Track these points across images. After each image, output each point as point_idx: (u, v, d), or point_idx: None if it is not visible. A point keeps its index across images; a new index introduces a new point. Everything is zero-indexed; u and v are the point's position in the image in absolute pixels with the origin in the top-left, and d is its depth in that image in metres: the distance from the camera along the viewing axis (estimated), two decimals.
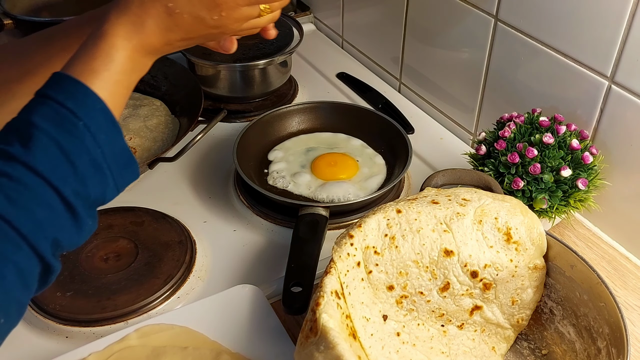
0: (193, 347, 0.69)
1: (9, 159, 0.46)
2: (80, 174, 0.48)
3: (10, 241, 0.44)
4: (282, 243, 0.86)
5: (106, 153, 0.49)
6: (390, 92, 1.21)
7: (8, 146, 0.46)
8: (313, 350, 0.56)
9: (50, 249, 0.47)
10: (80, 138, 0.48)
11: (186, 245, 0.83)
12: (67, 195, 0.47)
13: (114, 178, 0.51)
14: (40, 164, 0.46)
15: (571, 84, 0.85)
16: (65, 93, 0.48)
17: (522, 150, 0.78)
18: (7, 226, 0.44)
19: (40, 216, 0.46)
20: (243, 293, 0.75)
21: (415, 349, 0.67)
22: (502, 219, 0.67)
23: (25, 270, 0.45)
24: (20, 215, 0.45)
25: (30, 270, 0.46)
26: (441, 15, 1.05)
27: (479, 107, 1.03)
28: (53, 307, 0.74)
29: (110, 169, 0.50)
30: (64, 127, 0.47)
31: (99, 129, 0.49)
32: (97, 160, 0.49)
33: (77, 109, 0.48)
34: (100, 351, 0.68)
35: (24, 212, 0.45)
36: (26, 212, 0.45)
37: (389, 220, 0.66)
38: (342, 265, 0.63)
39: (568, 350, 0.68)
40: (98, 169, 0.49)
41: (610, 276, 0.82)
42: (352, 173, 0.96)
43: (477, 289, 0.68)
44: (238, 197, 0.94)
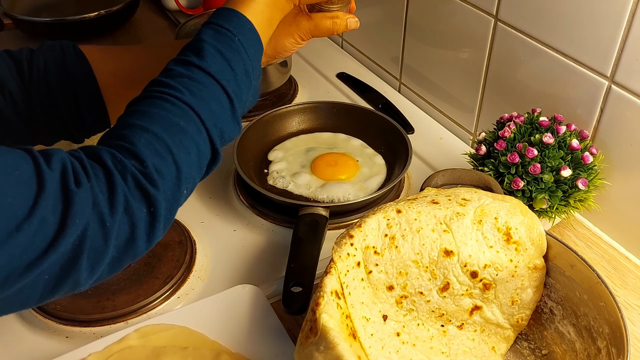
0: (193, 347, 0.69)
1: (188, 65, 0.57)
2: (239, 79, 0.59)
3: (194, 124, 0.55)
4: (282, 243, 0.86)
5: (254, 65, 0.61)
6: (390, 92, 1.21)
7: (186, 57, 0.58)
8: (313, 350, 0.56)
9: (218, 137, 0.57)
10: (237, 50, 0.60)
11: (186, 245, 0.83)
12: (231, 94, 0.58)
13: (253, 87, 0.62)
14: (211, 67, 0.57)
15: (571, 84, 0.85)
16: (224, 18, 0.61)
17: (522, 150, 0.78)
18: (192, 112, 0.55)
19: (213, 108, 0.57)
20: (243, 293, 0.75)
21: (415, 349, 0.67)
22: (502, 219, 0.67)
23: (202, 152, 0.56)
24: (200, 105, 0.55)
25: (206, 153, 0.56)
26: (441, 16, 1.05)
27: (478, 107, 1.03)
28: (53, 307, 0.74)
29: (254, 78, 0.62)
30: (225, 41, 0.59)
31: (249, 44, 0.61)
32: (247, 70, 0.61)
33: (233, 28, 0.60)
34: (100, 351, 0.68)
35: (203, 103, 0.56)
36: (204, 103, 0.56)
37: (389, 220, 0.66)
38: (342, 265, 0.63)
39: (568, 350, 0.68)
40: (248, 77, 0.61)
41: (610, 276, 0.82)
42: (352, 173, 0.96)
43: (477, 289, 0.68)
44: (238, 197, 0.94)
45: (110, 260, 0.49)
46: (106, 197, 0.48)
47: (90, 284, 0.50)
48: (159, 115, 0.53)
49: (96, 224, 0.47)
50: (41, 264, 0.44)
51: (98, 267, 0.48)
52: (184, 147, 0.53)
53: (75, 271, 0.47)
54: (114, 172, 0.49)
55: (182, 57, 0.58)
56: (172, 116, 0.53)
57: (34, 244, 0.44)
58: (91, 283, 0.50)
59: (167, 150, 0.52)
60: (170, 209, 0.53)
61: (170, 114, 0.53)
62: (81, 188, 0.47)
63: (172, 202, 0.52)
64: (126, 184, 0.49)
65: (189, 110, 0.54)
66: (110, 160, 0.50)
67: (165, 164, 0.51)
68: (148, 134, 0.52)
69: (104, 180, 0.48)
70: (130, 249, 0.50)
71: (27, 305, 0.48)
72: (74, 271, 0.47)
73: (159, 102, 0.54)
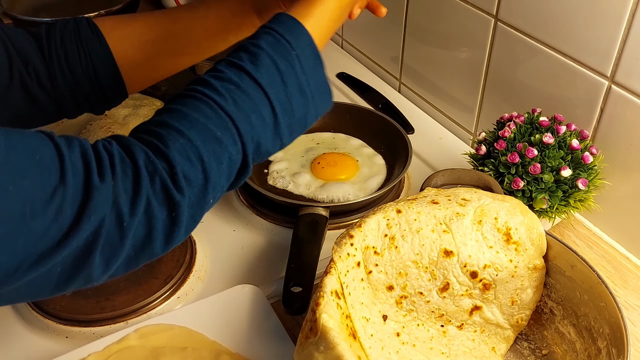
0: (192, 347, 0.69)
1: (240, 71, 0.56)
2: (289, 93, 0.58)
3: (231, 135, 0.54)
4: (282, 243, 0.86)
5: (310, 81, 0.59)
6: (390, 92, 1.21)
7: (240, 61, 0.57)
8: (313, 350, 0.56)
9: (253, 151, 0.56)
10: (292, 64, 0.58)
11: (186, 246, 0.83)
12: (276, 108, 0.57)
13: (316, 104, 0.60)
14: (263, 78, 0.56)
15: (571, 84, 0.85)
16: (285, 27, 0.59)
17: (522, 150, 0.78)
18: (230, 123, 0.54)
19: (254, 121, 0.55)
20: (243, 293, 0.75)
21: (415, 350, 0.67)
22: (501, 219, 0.67)
23: (234, 162, 0.55)
24: (241, 118, 0.55)
25: (236, 164, 0.55)
26: (441, 16, 1.05)
27: (478, 107, 1.03)
28: (53, 307, 0.74)
29: (312, 94, 0.60)
30: (282, 53, 0.58)
31: (306, 59, 0.59)
32: (302, 85, 0.59)
33: (293, 41, 0.59)
34: (99, 351, 0.68)
35: (244, 116, 0.55)
36: (246, 116, 0.55)
37: (388, 221, 0.66)
38: (342, 265, 0.62)
39: (568, 350, 0.67)
40: (302, 93, 0.59)
41: (610, 276, 0.82)
42: (352, 173, 0.96)
43: (477, 289, 0.68)
44: (238, 197, 0.94)
45: (125, 258, 0.49)
46: (129, 196, 0.48)
47: (105, 279, 0.50)
48: (198, 122, 0.53)
49: (113, 222, 0.47)
50: (54, 256, 0.44)
51: (113, 264, 0.48)
52: (216, 157, 0.53)
53: (88, 266, 0.47)
54: (143, 172, 0.49)
55: (235, 61, 0.57)
56: (211, 124, 0.53)
57: (49, 234, 0.44)
58: (106, 278, 0.50)
59: (198, 159, 0.51)
60: (194, 215, 0.52)
61: (209, 121, 0.53)
62: (104, 184, 0.46)
63: (197, 209, 0.52)
64: (152, 186, 0.49)
65: (229, 121, 0.54)
66: (143, 159, 0.49)
67: (194, 172, 0.51)
68: (184, 139, 0.51)
69: (131, 179, 0.48)
70: (147, 250, 0.50)
71: (40, 295, 0.48)
72: (86, 266, 0.46)
73: (201, 106, 0.54)
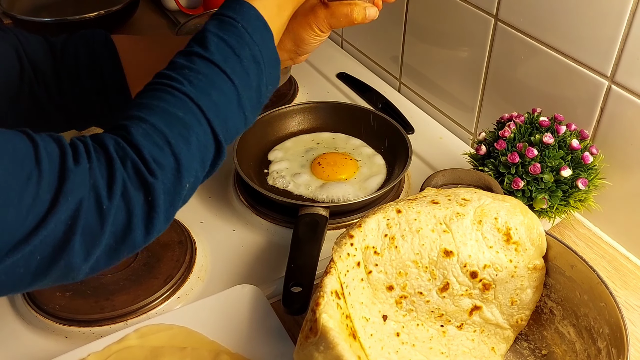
0: (192, 347, 0.69)
1: (191, 55, 0.57)
2: (245, 66, 0.58)
3: (193, 114, 0.54)
4: (282, 243, 0.86)
5: (262, 50, 0.60)
6: (390, 92, 1.21)
7: (189, 47, 0.58)
8: (313, 350, 0.56)
9: (222, 129, 0.56)
10: (241, 36, 0.59)
11: (186, 246, 0.83)
12: (236, 82, 0.57)
13: (266, 75, 0.60)
14: (214, 56, 0.57)
15: (571, 84, 0.85)
16: (227, 7, 0.61)
17: (522, 150, 0.78)
18: (191, 103, 0.54)
19: (215, 98, 0.55)
20: (243, 293, 0.75)
21: (415, 350, 0.67)
22: (501, 219, 0.67)
23: (203, 143, 0.54)
24: (200, 96, 0.55)
25: (208, 146, 0.55)
26: (441, 15, 1.05)
27: (478, 107, 1.03)
28: (52, 307, 0.74)
29: (265, 64, 0.60)
30: (228, 29, 0.59)
31: (254, 30, 0.60)
32: (255, 56, 0.59)
33: (236, 16, 0.59)
34: (99, 351, 0.68)
35: (203, 93, 0.55)
36: (204, 93, 0.55)
37: (388, 221, 0.66)
38: (342, 265, 0.62)
39: (568, 351, 0.67)
40: (256, 63, 0.59)
41: (610, 276, 0.82)
42: (352, 173, 0.96)
43: (477, 289, 0.68)
44: (238, 197, 0.94)
45: (106, 247, 0.49)
46: (105, 181, 0.48)
47: (87, 272, 0.49)
48: (158, 107, 0.53)
49: (92, 205, 0.47)
50: (32, 239, 0.45)
51: (93, 251, 0.48)
52: (184, 138, 0.53)
53: (68, 252, 0.47)
54: (114, 157, 0.49)
55: (186, 49, 0.58)
56: (171, 107, 0.53)
57: (27, 220, 0.44)
58: (87, 270, 0.49)
59: (165, 142, 0.52)
60: (172, 201, 0.52)
61: (169, 105, 0.53)
62: (79, 167, 0.47)
63: (173, 194, 0.52)
64: (126, 170, 0.50)
65: (188, 100, 0.54)
66: (113, 146, 0.50)
67: (163, 155, 0.51)
68: (146, 124, 0.52)
69: (105, 164, 0.49)
70: (127, 239, 0.50)
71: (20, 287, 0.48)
72: (66, 252, 0.46)
73: (159, 94, 0.54)
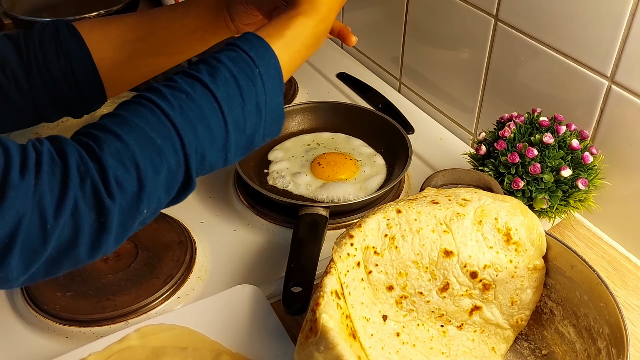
0: (193, 347, 0.69)
1: (194, 80, 0.55)
2: (246, 111, 0.56)
3: (172, 145, 0.52)
4: (282, 243, 0.86)
5: (268, 101, 0.58)
6: (390, 92, 1.21)
7: (197, 72, 0.55)
8: (313, 350, 0.56)
9: (197, 164, 0.54)
10: (253, 81, 0.57)
11: (186, 246, 0.83)
12: (229, 123, 0.55)
13: (265, 126, 0.58)
14: (219, 91, 0.55)
15: (571, 84, 0.85)
16: (250, 44, 0.58)
17: (522, 150, 0.78)
18: (173, 131, 0.52)
19: (200, 132, 0.53)
20: (243, 293, 0.75)
21: (415, 350, 0.67)
22: (502, 220, 0.67)
23: (174, 174, 0.52)
24: (186, 127, 0.52)
25: (177, 176, 0.53)
26: (441, 15, 1.05)
27: (479, 107, 1.03)
28: (53, 307, 0.74)
29: (266, 116, 0.58)
30: (243, 69, 0.56)
31: (270, 79, 0.58)
32: (259, 104, 0.57)
33: (257, 58, 0.57)
34: (100, 351, 0.68)
35: (189, 125, 0.53)
36: (191, 126, 0.53)
37: (389, 221, 0.66)
38: (342, 265, 0.63)
39: (568, 351, 0.67)
40: (258, 112, 0.57)
41: (610, 276, 0.82)
42: (352, 173, 0.96)
43: (477, 289, 0.68)
44: (238, 197, 0.94)
45: (47, 259, 0.47)
46: (55, 197, 0.46)
47: (23, 282, 0.48)
48: (137, 127, 0.51)
49: (35, 222, 0.45)
50: None
51: (32, 266, 0.46)
52: (154, 165, 0.50)
53: (4, 267, 0.45)
54: (72, 173, 0.47)
55: (192, 72, 0.56)
56: (151, 131, 0.51)
57: None
58: (24, 281, 0.48)
59: (133, 164, 0.49)
60: (124, 224, 0.50)
61: (150, 127, 0.51)
62: (24, 182, 0.45)
63: (128, 217, 0.50)
64: (82, 187, 0.47)
65: (172, 129, 0.52)
66: (76, 160, 0.47)
67: (128, 178, 0.49)
68: (120, 143, 0.49)
69: (59, 179, 0.46)
70: (70, 254, 0.48)
71: None
72: (2, 267, 0.45)
73: (144, 112, 0.52)
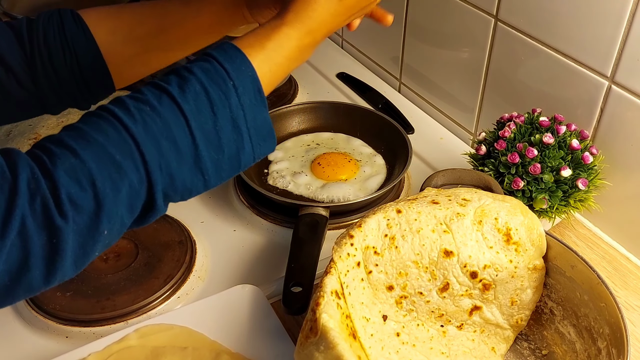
0: (193, 347, 0.69)
1: (162, 92, 0.51)
2: (219, 126, 0.52)
3: (133, 160, 0.49)
4: (282, 243, 0.86)
5: (248, 117, 0.54)
6: (390, 92, 1.21)
7: (166, 84, 0.52)
8: (313, 350, 0.56)
9: (161, 182, 0.50)
10: (227, 95, 0.53)
11: (186, 245, 0.83)
12: (197, 139, 0.51)
13: (252, 144, 0.55)
14: (187, 104, 0.51)
15: (571, 84, 0.85)
16: (225, 56, 0.55)
17: (522, 150, 0.78)
18: (134, 146, 0.49)
19: (164, 148, 0.50)
20: (243, 293, 0.75)
21: (415, 350, 0.67)
22: (502, 220, 0.67)
23: (136, 192, 0.49)
24: (147, 141, 0.49)
25: (139, 194, 0.50)
26: (441, 15, 1.05)
27: (479, 107, 1.03)
28: (53, 307, 0.74)
29: (249, 133, 0.54)
30: (216, 81, 0.53)
31: (244, 92, 0.54)
32: (237, 120, 0.53)
33: (232, 70, 0.54)
34: (99, 351, 0.68)
35: (151, 139, 0.49)
36: (153, 140, 0.49)
37: (389, 221, 0.66)
38: (342, 265, 0.63)
39: (568, 351, 0.67)
40: (236, 128, 0.53)
41: (610, 276, 0.82)
42: (352, 173, 0.96)
43: (477, 289, 0.68)
44: (238, 197, 0.94)
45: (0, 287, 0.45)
46: (1, 214, 0.43)
47: None
48: (96, 142, 0.48)
49: None
50: None
51: None
52: (113, 182, 0.48)
53: None
54: (21, 189, 0.44)
55: (161, 83, 0.52)
56: (110, 146, 0.48)
57: None
58: None
59: (90, 182, 0.47)
60: (83, 246, 0.47)
61: (109, 143, 0.48)
62: None
63: (87, 238, 0.47)
64: (32, 205, 0.44)
65: (132, 144, 0.49)
66: (27, 176, 0.45)
67: (84, 196, 0.46)
68: (76, 159, 0.47)
69: (6, 195, 0.44)
70: (24, 279, 0.45)
71: None
72: None
73: (104, 126, 0.49)
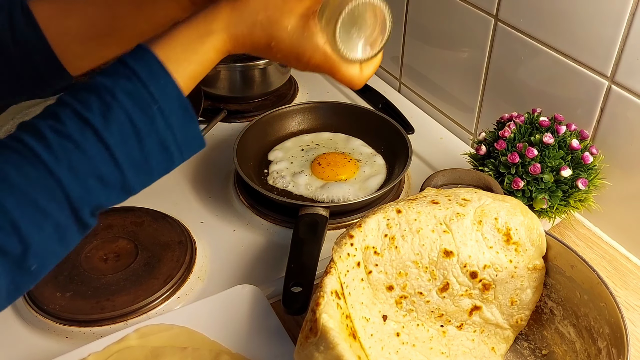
0: (192, 347, 0.69)
1: (85, 125, 0.49)
2: (147, 152, 0.51)
3: (56, 202, 0.48)
4: (282, 243, 0.86)
5: (177, 135, 0.53)
6: (390, 92, 1.21)
7: (89, 112, 0.49)
8: (313, 350, 0.56)
9: (89, 213, 0.50)
10: (152, 119, 0.51)
11: (186, 246, 0.82)
12: (126, 170, 0.51)
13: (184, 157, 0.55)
14: (111, 137, 0.49)
15: (571, 84, 0.85)
16: (149, 73, 0.52)
17: (522, 150, 0.78)
18: (59, 190, 0.48)
19: (91, 186, 0.49)
20: (243, 293, 0.75)
21: (415, 350, 0.67)
22: (502, 220, 0.67)
23: (64, 227, 0.49)
24: (73, 183, 0.48)
25: (68, 228, 0.49)
26: (441, 15, 1.05)
27: (479, 107, 1.03)
28: (53, 307, 0.74)
29: (180, 149, 0.54)
30: (141, 106, 0.51)
31: (172, 113, 0.52)
32: (164, 142, 0.52)
33: (156, 91, 0.51)
34: (99, 351, 0.68)
35: (77, 180, 0.48)
36: (80, 180, 0.48)
37: (388, 221, 0.66)
38: (342, 265, 0.62)
39: (568, 351, 0.67)
40: (165, 149, 0.53)
41: (610, 276, 0.82)
42: (352, 173, 0.96)
43: (477, 289, 0.68)
44: (238, 197, 0.94)
45: None
46: None
47: None
48: (19, 189, 0.47)
49: None
50: None
51: None
52: (37, 225, 0.47)
53: None
54: None
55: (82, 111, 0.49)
56: (34, 192, 0.47)
57: None
58: None
59: (13, 227, 0.46)
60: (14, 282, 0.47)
61: (33, 188, 0.47)
62: None
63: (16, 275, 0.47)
64: None
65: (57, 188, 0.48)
66: None
67: (8, 241, 0.46)
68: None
69: None
70: None
71: None
72: None
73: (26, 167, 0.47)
